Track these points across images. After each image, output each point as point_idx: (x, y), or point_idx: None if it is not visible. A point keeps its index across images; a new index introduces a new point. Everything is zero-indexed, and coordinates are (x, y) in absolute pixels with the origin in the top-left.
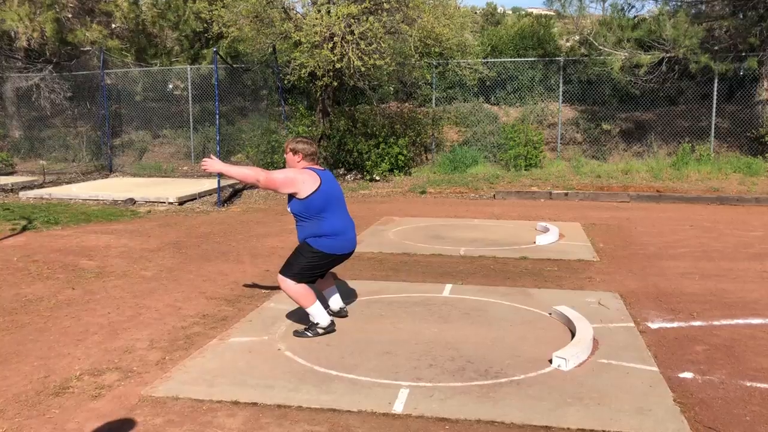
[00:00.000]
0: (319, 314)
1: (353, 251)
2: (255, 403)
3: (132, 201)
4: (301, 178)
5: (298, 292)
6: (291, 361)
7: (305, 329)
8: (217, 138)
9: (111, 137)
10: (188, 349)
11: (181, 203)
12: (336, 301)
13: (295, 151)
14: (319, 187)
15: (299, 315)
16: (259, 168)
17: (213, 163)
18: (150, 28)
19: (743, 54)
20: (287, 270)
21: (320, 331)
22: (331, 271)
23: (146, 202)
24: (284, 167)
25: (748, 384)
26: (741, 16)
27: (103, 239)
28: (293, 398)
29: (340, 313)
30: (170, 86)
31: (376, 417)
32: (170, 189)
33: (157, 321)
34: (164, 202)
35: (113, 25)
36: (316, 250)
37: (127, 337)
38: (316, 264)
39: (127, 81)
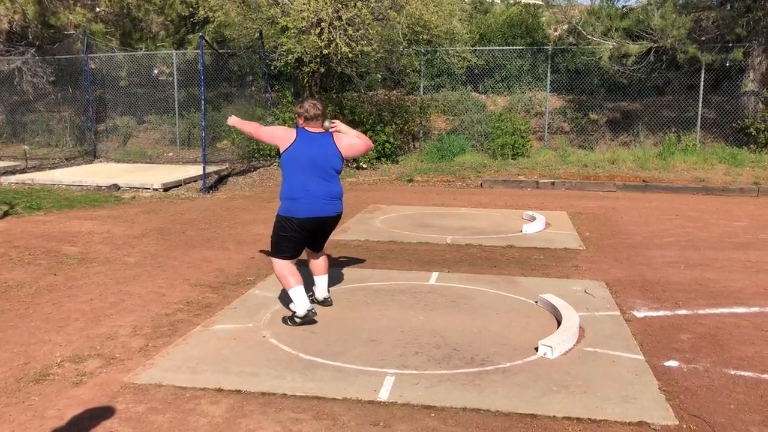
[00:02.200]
0: (297, 300)
1: (322, 218)
2: (239, 391)
3: (116, 187)
4: (280, 135)
5: (281, 271)
6: (276, 348)
7: (286, 318)
8: (203, 124)
9: (95, 122)
10: (172, 336)
11: (165, 189)
12: (322, 290)
13: (298, 113)
14: (289, 146)
15: (285, 302)
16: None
17: (231, 118)
18: (135, 12)
19: (730, 45)
20: (271, 248)
21: (297, 320)
22: (323, 256)
23: (130, 188)
24: (270, 154)
25: (732, 372)
26: (728, 7)
27: (87, 225)
28: (278, 386)
29: (324, 303)
30: (156, 71)
31: (362, 404)
32: (155, 175)
33: (141, 308)
34: (149, 188)
35: (97, 9)
36: (277, 215)
37: (109, 323)
38: (282, 233)
39: (111, 65)
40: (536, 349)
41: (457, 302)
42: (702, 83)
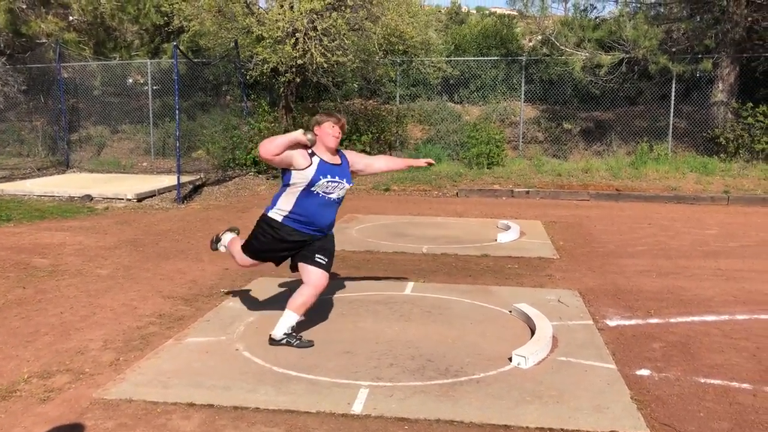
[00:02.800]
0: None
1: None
2: (211, 405)
3: (89, 197)
4: None
5: None
6: (249, 361)
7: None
8: (177, 134)
9: (68, 132)
10: (143, 349)
11: (139, 200)
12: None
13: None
14: None
15: (259, 315)
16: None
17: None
18: (109, 20)
19: (699, 56)
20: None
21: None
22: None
23: (103, 198)
24: (246, 164)
25: (702, 380)
26: (698, 19)
27: (58, 237)
28: (250, 399)
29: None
30: (130, 80)
31: (335, 418)
32: (129, 185)
33: (112, 321)
34: (122, 199)
35: (70, 17)
36: None
37: (79, 337)
38: None
39: (85, 75)
40: (510, 359)
41: (432, 312)
42: (673, 93)
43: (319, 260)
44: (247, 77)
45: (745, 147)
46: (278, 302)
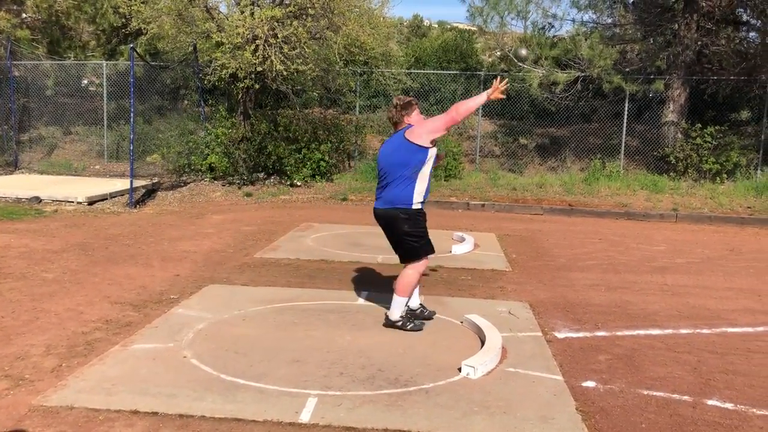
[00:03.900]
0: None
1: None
2: (155, 413)
3: (37, 199)
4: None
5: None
6: (196, 369)
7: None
8: (131, 137)
9: (18, 132)
10: (88, 355)
11: (90, 203)
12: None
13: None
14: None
15: (208, 322)
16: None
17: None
18: (64, 19)
19: (652, 77)
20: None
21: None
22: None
23: (53, 200)
24: (202, 169)
25: (645, 392)
26: (651, 41)
27: (2, 239)
28: (196, 407)
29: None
30: (85, 81)
31: (282, 426)
32: (80, 188)
33: (56, 326)
34: (72, 202)
35: (24, 15)
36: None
37: (21, 342)
38: None
39: (37, 74)
40: (459, 369)
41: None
42: (626, 112)
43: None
44: (206, 82)
45: (694, 166)
46: (228, 310)
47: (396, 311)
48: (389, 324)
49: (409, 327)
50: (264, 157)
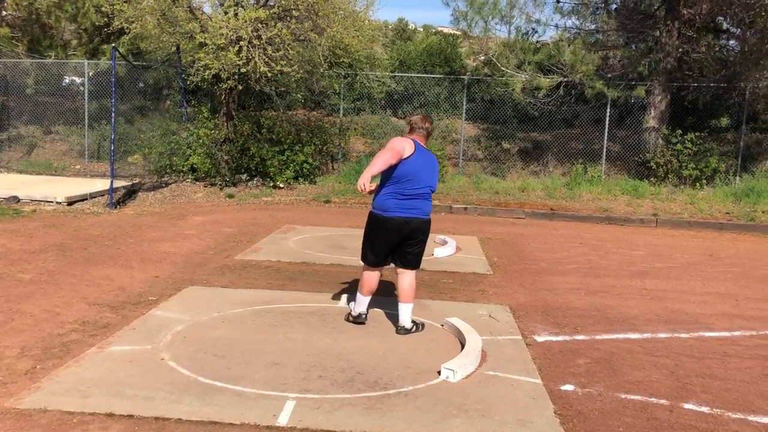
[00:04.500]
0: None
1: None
2: (131, 416)
3: (15, 199)
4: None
5: None
6: (174, 371)
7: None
8: (112, 137)
9: None
10: (63, 357)
11: (70, 203)
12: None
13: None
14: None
15: (187, 324)
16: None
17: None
18: (45, 18)
19: (633, 83)
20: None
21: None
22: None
23: (31, 200)
24: (183, 170)
25: (623, 396)
26: (633, 48)
27: None
28: (173, 410)
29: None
30: (67, 80)
31: (260, 430)
32: (59, 188)
33: (32, 327)
34: (51, 202)
35: (3, 12)
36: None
37: None
38: None
39: (17, 72)
40: (439, 372)
41: (365, 325)
42: (608, 118)
43: None
44: (189, 83)
45: (674, 172)
46: (207, 312)
47: (408, 318)
48: (405, 332)
49: (421, 329)
50: (247, 159)
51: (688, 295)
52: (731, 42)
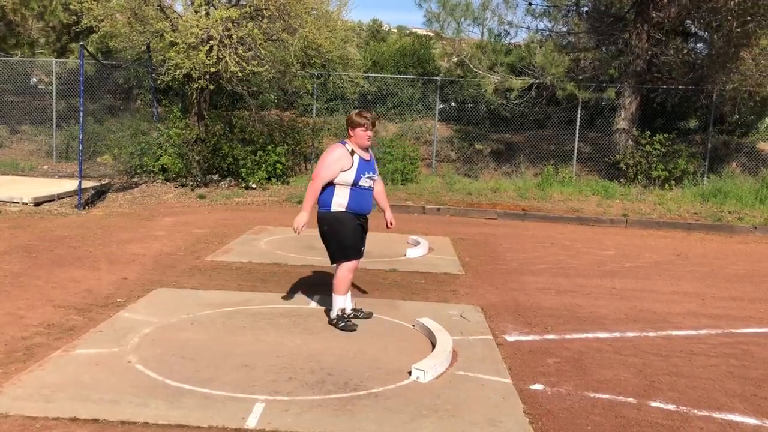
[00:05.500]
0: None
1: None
2: (96, 420)
3: None
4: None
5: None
6: (141, 374)
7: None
8: (80, 137)
9: None
10: (26, 361)
11: (37, 204)
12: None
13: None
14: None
15: (155, 326)
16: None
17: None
18: (10, 15)
19: (604, 85)
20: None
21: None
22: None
23: None
24: (154, 170)
25: (591, 395)
26: (603, 50)
27: None
28: (140, 414)
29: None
30: (34, 79)
31: None
32: (26, 188)
33: None
34: (18, 203)
35: None
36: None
37: None
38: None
39: None
40: (409, 373)
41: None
42: (579, 119)
43: None
44: (159, 82)
45: (643, 173)
46: (177, 314)
47: (334, 310)
48: (331, 322)
49: (340, 326)
50: (218, 159)
51: (657, 294)
52: (699, 45)
